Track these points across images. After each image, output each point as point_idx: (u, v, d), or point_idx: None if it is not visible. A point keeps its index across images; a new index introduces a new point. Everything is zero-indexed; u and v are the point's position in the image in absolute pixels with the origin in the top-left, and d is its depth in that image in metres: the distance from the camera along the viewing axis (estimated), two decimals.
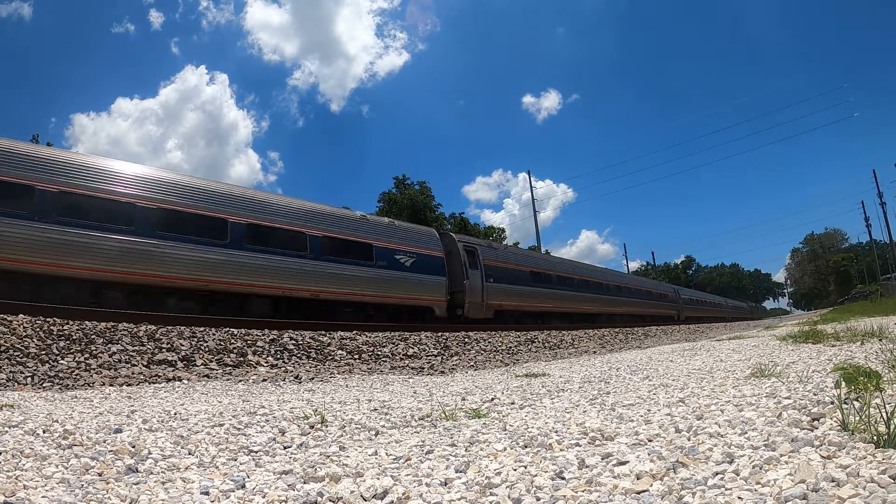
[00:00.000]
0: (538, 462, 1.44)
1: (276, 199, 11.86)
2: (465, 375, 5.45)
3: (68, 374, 4.66)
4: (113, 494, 1.34)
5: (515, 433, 1.83)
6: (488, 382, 4.12)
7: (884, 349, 3.11)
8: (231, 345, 6.52)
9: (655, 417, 1.88)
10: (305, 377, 5.32)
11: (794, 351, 4.03)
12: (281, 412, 2.60)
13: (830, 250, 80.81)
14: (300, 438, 2.02)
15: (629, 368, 4.25)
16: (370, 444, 1.90)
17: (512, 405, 2.60)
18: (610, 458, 1.40)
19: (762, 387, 2.23)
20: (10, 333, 5.27)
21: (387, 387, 4.32)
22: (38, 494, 1.29)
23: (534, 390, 3.21)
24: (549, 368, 5.25)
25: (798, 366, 2.90)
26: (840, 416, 1.42)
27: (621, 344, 11.99)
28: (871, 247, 59.60)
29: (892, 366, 2.28)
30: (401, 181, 43.99)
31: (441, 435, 1.96)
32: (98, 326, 6.08)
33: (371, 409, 2.74)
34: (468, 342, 9.64)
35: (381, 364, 6.97)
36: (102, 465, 1.58)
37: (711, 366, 3.64)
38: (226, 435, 2.08)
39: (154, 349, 5.84)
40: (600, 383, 3.32)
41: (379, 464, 1.57)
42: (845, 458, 1.17)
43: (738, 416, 1.66)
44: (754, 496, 1.03)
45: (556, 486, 1.22)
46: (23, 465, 1.52)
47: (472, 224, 46.10)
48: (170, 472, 1.58)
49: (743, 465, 1.21)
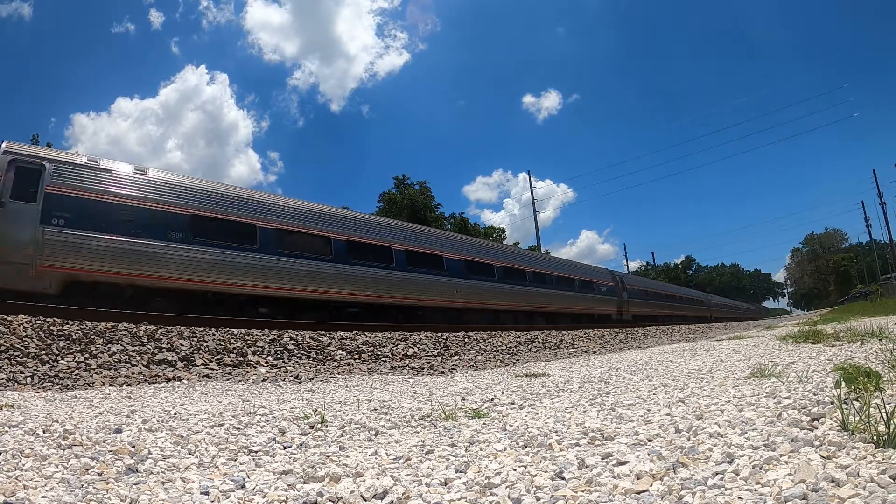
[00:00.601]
0: (538, 462, 1.44)
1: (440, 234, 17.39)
2: (465, 375, 5.45)
3: (68, 374, 4.66)
4: (113, 494, 1.34)
5: (515, 433, 1.83)
6: (488, 382, 4.12)
7: (884, 349, 3.11)
8: (231, 345, 6.52)
9: (655, 417, 1.88)
10: (305, 377, 5.32)
11: (793, 351, 4.03)
12: (281, 412, 2.60)
13: (830, 250, 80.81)
14: (300, 438, 2.02)
15: (629, 368, 4.25)
16: (370, 444, 1.90)
17: (512, 405, 2.60)
18: (610, 458, 1.40)
19: (762, 387, 2.23)
20: (10, 333, 5.27)
21: (387, 387, 4.32)
22: (38, 494, 1.29)
23: (534, 390, 3.21)
24: (549, 368, 5.25)
25: (798, 366, 2.90)
26: (840, 416, 1.42)
27: (621, 344, 12.00)
28: (871, 247, 59.60)
29: (892, 366, 2.28)
30: (401, 181, 43.95)
31: (441, 435, 1.96)
32: (98, 326, 6.08)
33: (371, 409, 2.74)
34: (468, 342, 9.64)
35: (381, 364, 6.96)
36: (102, 465, 1.58)
37: (711, 366, 3.64)
38: (226, 435, 2.08)
39: (154, 349, 5.84)
40: (600, 383, 3.32)
41: (379, 464, 1.57)
42: (845, 458, 1.17)
43: (738, 416, 1.66)
44: (754, 496, 1.03)
45: (556, 486, 1.22)
46: (23, 465, 1.52)
47: (471, 224, 46.00)
48: (170, 472, 1.58)
49: (743, 465, 1.21)
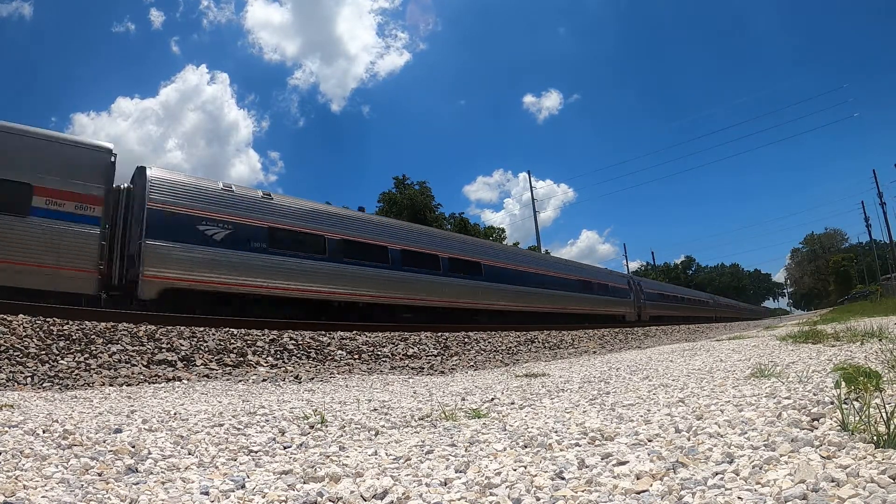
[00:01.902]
0: (538, 462, 1.44)
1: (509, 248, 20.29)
2: (465, 375, 5.45)
3: (68, 374, 4.66)
4: (113, 494, 1.34)
5: (515, 433, 1.83)
6: (488, 382, 4.12)
7: (884, 349, 3.11)
8: (231, 345, 6.52)
9: (655, 417, 1.88)
10: (305, 377, 5.32)
11: (793, 351, 4.03)
12: (281, 412, 2.60)
13: (830, 250, 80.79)
14: (300, 438, 2.02)
15: (629, 368, 4.25)
16: (370, 444, 1.90)
17: (512, 405, 2.60)
18: (610, 458, 1.40)
19: (762, 387, 2.23)
20: (10, 333, 5.27)
21: (387, 387, 4.32)
22: (37, 494, 1.29)
23: (534, 390, 3.21)
24: (548, 368, 5.25)
25: (798, 366, 2.90)
26: (840, 417, 1.42)
27: (621, 344, 12.00)
28: (871, 247, 59.58)
29: (892, 366, 2.28)
30: (400, 181, 43.86)
31: (441, 435, 1.96)
32: (98, 326, 6.09)
33: (371, 409, 2.74)
34: (468, 342, 9.64)
35: (380, 364, 6.96)
36: (102, 465, 1.58)
37: (711, 366, 3.64)
38: (226, 435, 2.08)
39: (154, 349, 5.83)
40: (600, 383, 3.31)
41: (379, 464, 1.57)
42: (845, 458, 1.17)
43: (738, 417, 1.66)
44: (754, 496, 1.03)
45: (556, 486, 1.22)
46: (23, 465, 1.52)
47: (471, 224, 45.86)
48: (169, 472, 1.58)
49: (743, 465, 1.21)
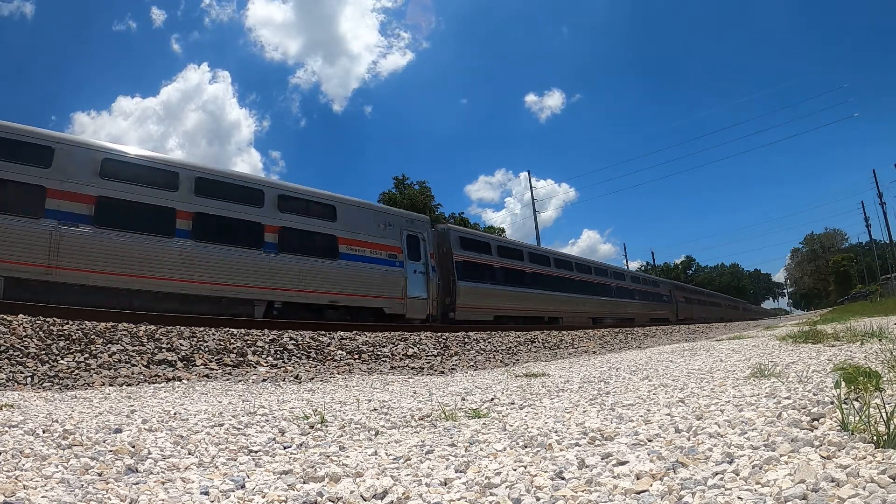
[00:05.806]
0: (538, 462, 1.44)
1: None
2: (464, 375, 5.45)
3: (68, 374, 4.66)
4: (113, 494, 1.34)
5: (515, 433, 1.83)
6: (488, 382, 4.12)
7: (884, 349, 3.11)
8: (231, 345, 6.51)
9: (655, 417, 1.88)
10: (305, 377, 5.32)
11: (793, 351, 4.03)
12: (281, 412, 2.60)
13: (830, 250, 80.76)
14: (300, 438, 2.02)
15: (629, 368, 4.25)
16: (370, 444, 1.90)
17: (512, 405, 2.60)
18: (610, 458, 1.40)
19: (762, 387, 2.23)
20: (10, 333, 5.27)
21: (387, 387, 4.32)
22: (37, 494, 1.29)
23: (533, 390, 3.21)
24: (548, 368, 5.25)
25: (798, 366, 2.90)
26: (840, 417, 1.42)
27: (621, 344, 11.99)
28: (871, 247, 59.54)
29: (892, 366, 2.28)
30: (400, 181, 43.81)
31: (441, 435, 1.96)
32: (98, 326, 6.08)
33: (371, 409, 2.74)
34: (468, 342, 9.63)
35: (380, 364, 6.96)
36: (102, 465, 1.58)
37: (711, 366, 3.64)
38: (225, 435, 2.08)
39: (154, 349, 5.83)
40: (600, 383, 3.31)
41: (379, 464, 1.57)
42: (845, 458, 1.17)
43: (738, 417, 1.66)
44: (754, 496, 1.03)
45: (556, 486, 1.22)
46: (23, 465, 1.52)
47: (471, 224, 45.89)
48: (169, 472, 1.58)
49: (743, 465, 1.21)
